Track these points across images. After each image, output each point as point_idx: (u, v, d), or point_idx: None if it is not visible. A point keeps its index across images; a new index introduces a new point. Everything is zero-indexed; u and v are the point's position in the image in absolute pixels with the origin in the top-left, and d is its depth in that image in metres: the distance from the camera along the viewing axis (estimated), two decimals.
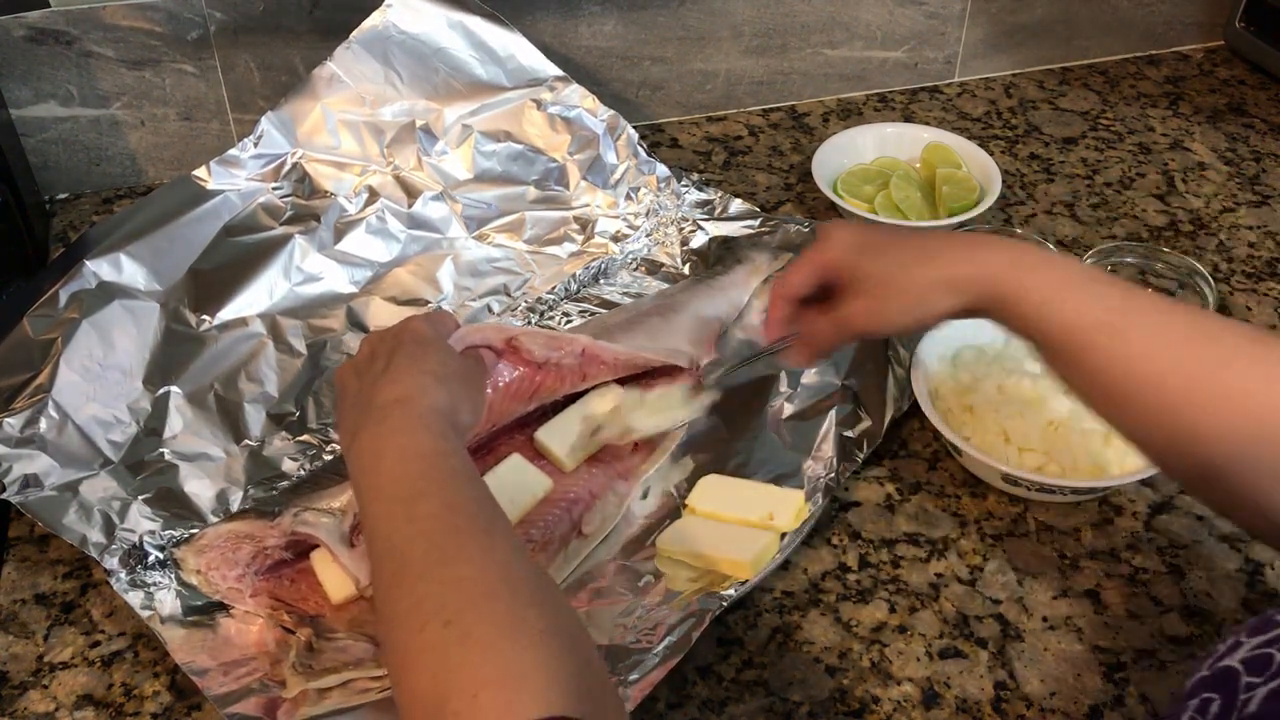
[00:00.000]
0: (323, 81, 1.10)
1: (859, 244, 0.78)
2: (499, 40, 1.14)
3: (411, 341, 0.77)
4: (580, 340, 0.91)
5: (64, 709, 0.78)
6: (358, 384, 0.75)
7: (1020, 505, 0.91)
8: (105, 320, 0.95)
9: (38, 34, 1.11)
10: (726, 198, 1.17)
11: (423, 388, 0.72)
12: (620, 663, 0.77)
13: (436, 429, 0.69)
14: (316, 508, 0.83)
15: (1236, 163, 1.29)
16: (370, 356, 0.77)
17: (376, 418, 0.70)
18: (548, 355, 0.89)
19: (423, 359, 0.75)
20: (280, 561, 0.84)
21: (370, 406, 0.71)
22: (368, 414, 0.71)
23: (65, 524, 0.84)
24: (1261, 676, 0.53)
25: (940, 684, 0.80)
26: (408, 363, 0.74)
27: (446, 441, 0.69)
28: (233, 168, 1.07)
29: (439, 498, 0.64)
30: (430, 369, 0.74)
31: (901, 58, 1.38)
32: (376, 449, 0.68)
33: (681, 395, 0.94)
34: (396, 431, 0.69)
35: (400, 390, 0.72)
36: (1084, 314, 0.69)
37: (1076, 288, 0.70)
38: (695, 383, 0.95)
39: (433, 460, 0.67)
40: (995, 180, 1.18)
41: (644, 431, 0.92)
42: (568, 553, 0.85)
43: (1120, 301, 0.69)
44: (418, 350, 0.76)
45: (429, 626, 0.57)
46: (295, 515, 0.82)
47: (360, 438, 0.70)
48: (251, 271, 1.03)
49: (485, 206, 1.12)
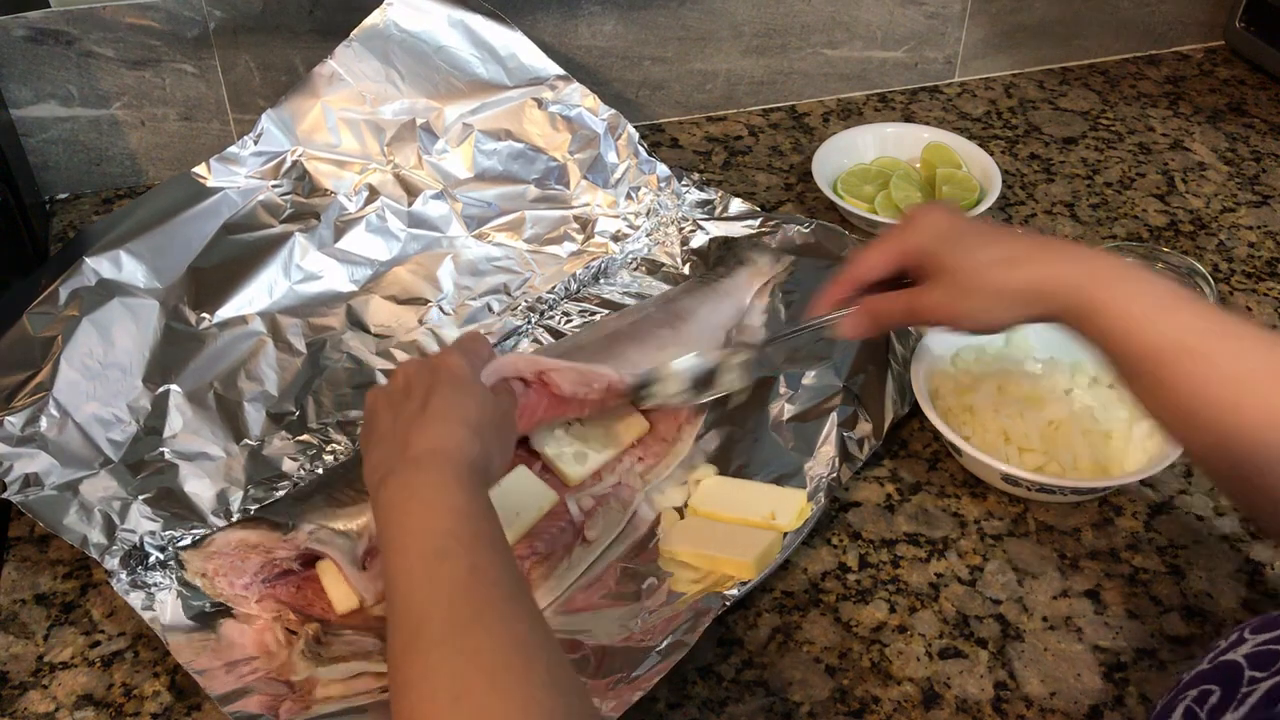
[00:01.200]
0: (323, 79, 1.10)
1: (946, 233, 0.77)
2: (500, 39, 1.14)
3: (449, 381, 0.75)
4: (607, 376, 0.90)
5: (64, 709, 0.78)
6: (390, 419, 0.73)
7: (1020, 505, 0.91)
8: (105, 318, 0.95)
9: (38, 34, 1.11)
10: (726, 198, 1.17)
11: (459, 439, 0.71)
12: (621, 663, 0.77)
13: (469, 486, 0.68)
14: (332, 527, 0.82)
15: (1236, 163, 1.29)
16: (405, 390, 0.75)
17: (410, 465, 0.69)
18: (575, 391, 0.89)
19: (461, 404, 0.73)
20: (287, 570, 0.84)
21: (404, 450, 0.70)
22: (400, 458, 0.69)
23: (66, 524, 0.84)
24: (1266, 671, 0.53)
25: (940, 684, 0.80)
26: (445, 406, 0.72)
27: (477, 501, 0.68)
28: (232, 165, 1.07)
29: (463, 560, 0.63)
30: (467, 417, 0.72)
31: (901, 58, 1.38)
32: (406, 499, 0.67)
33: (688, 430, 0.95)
34: (428, 485, 0.67)
35: (436, 439, 0.70)
36: (1167, 335, 0.69)
37: (1161, 308, 0.70)
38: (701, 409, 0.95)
39: (461, 519, 0.66)
40: (995, 180, 1.18)
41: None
42: (571, 559, 0.85)
43: (1204, 324, 0.69)
44: (455, 393, 0.74)
45: (439, 698, 0.56)
46: (311, 533, 0.82)
47: (390, 483, 0.69)
48: (251, 269, 1.03)
49: (485, 205, 1.12)
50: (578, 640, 0.79)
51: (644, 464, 0.92)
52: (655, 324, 0.99)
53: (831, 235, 1.11)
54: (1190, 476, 0.94)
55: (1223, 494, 0.90)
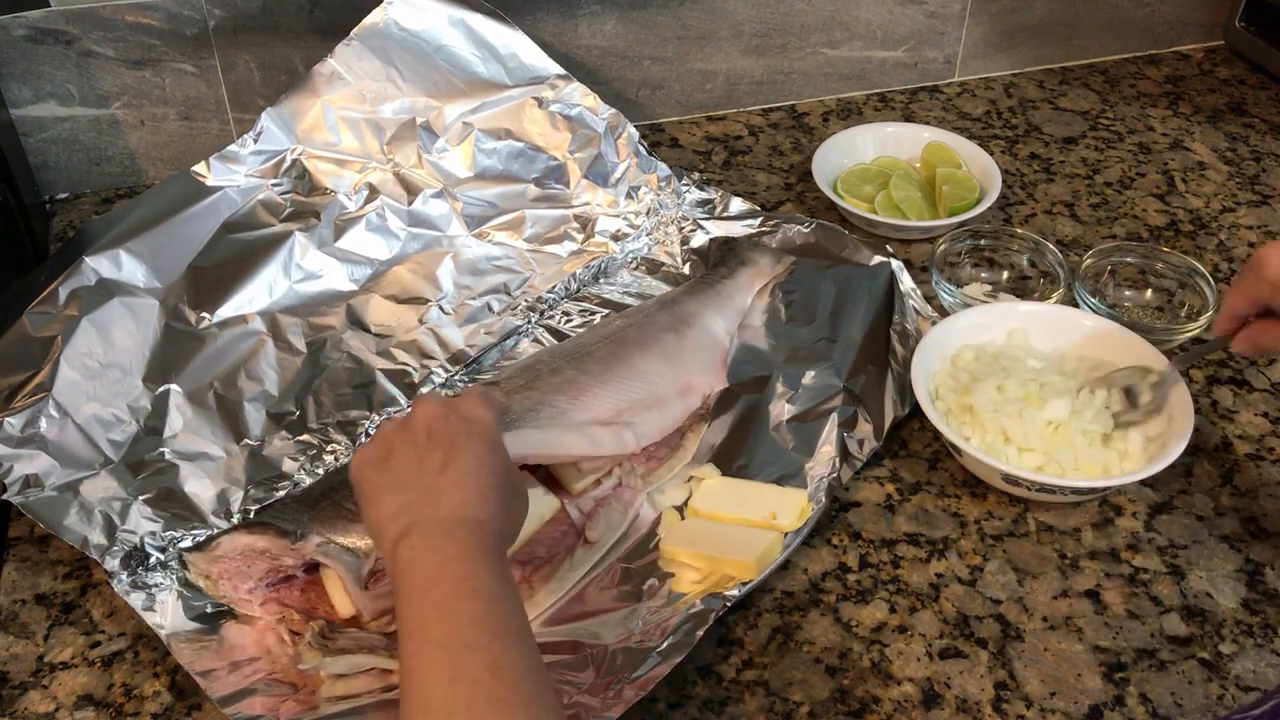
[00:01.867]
0: (323, 78, 1.10)
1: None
2: (500, 38, 1.14)
3: (478, 436, 0.73)
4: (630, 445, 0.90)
5: (64, 709, 0.78)
6: (413, 464, 0.71)
7: (1020, 505, 0.91)
8: (105, 318, 0.95)
9: (38, 34, 1.11)
10: (727, 197, 1.17)
11: (490, 508, 0.69)
12: (622, 663, 0.77)
13: (495, 565, 0.66)
14: (341, 542, 0.81)
15: (1236, 163, 1.29)
16: (428, 435, 0.72)
17: (439, 529, 0.67)
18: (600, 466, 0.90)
19: (489, 465, 0.71)
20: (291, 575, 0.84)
21: (432, 505, 0.68)
22: (427, 515, 0.68)
23: (66, 525, 0.84)
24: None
25: (940, 684, 0.80)
26: (474, 466, 0.71)
27: (504, 583, 0.66)
28: (232, 164, 1.07)
29: (485, 656, 0.61)
30: (496, 483, 0.71)
31: (901, 57, 1.38)
32: (432, 570, 0.65)
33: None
34: (459, 558, 0.66)
35: (467, 503, 0.69)
36: None
37: None
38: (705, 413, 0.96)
39: (488, 605, 0.64)
40: (995, 180, 1.18)
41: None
42: (573, 561, 0.85)
43: None
44: (483, 450, 0.72)
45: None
46: (319, 545, 0.81)
47: (415, 541, 0.66)
48: (251, 269, 1.02)
49: (485, 204, 1.12)
50: (579, 641, 0.79)
51: (646, 467, 0.92)
52: (660, 329, 0.99)
53: (831, 235, 1.11)
54: (1190, 476, 0.94)
55: None
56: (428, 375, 0.99)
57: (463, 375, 1.00)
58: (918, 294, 1.06)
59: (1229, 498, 0.92)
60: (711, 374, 0.98)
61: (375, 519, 0.70)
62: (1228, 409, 1.00)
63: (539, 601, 0.83)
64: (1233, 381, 1.02)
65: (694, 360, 0.98)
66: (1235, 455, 0.96)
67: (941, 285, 1.06)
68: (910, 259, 1.12)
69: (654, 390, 0.94)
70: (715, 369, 0.98)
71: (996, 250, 1.13)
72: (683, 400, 0.95)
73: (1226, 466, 0.95)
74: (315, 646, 0.78)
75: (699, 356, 0.98)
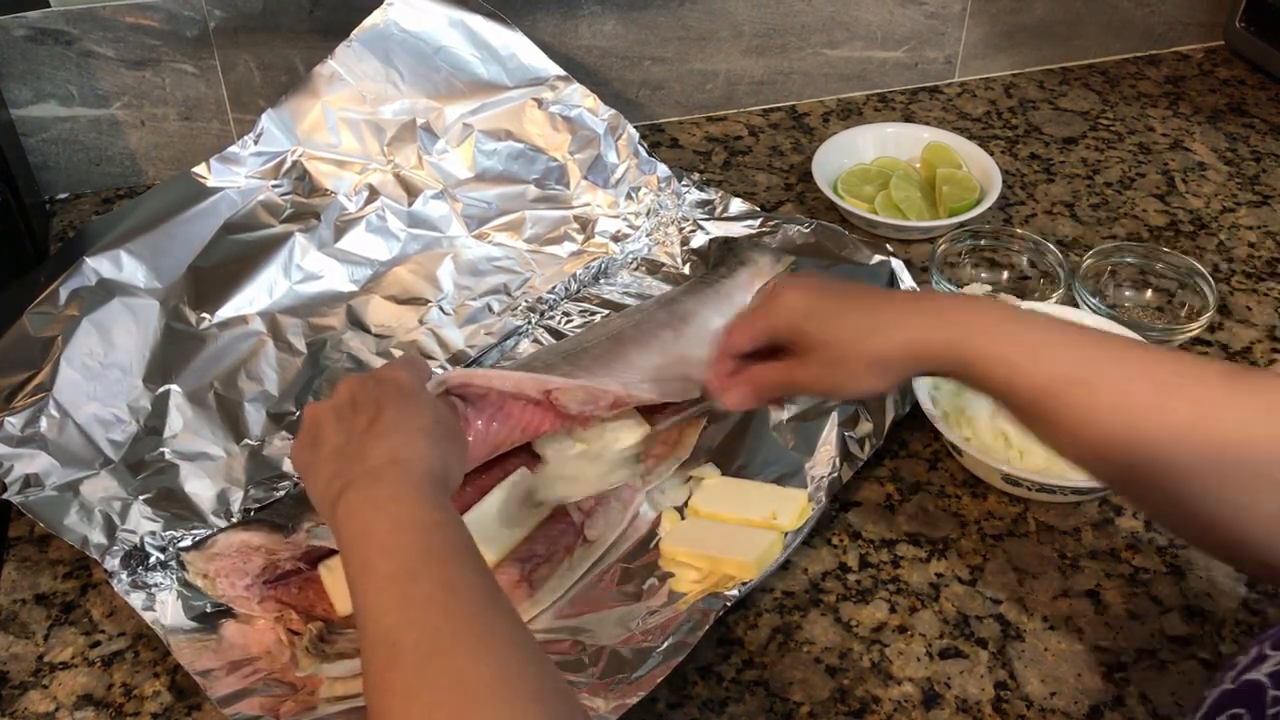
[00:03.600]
0: (323, 79, 1.10)
1: (808, 310, 0.76)
2: (500, 39, 1.14)
3: (398, 393, 0.74)
4: (613, 391, 0.90)
5: (64, 709, 0.78)
6: (340, 433, 0.71)
7: (1020, 505, 0.92)
8: (105, 318, 0.95)
9: (38, 34, 1.11)
10: (727, 198, 1.17)
11: (417, 448, 0.69)
12: (622, 663, 0.77)
13: (432, 497, 0.66)
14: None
15: (1236, 163, 1.29)
16: (352, 403, 0.73)
17: (369, 477, 0.67)
18: (581, 409, 0.89)
19: (414, 413, 0.72)
20: (289, 571, 0.84)
21: (359, 462, 0.68)
22: (357, 470, 0.68)
23: (66, 525, 0.84)
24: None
25: (940, 684, 0.80)
26: (397, 417, 0.71)
27: (442, 510, 0.66)
28: (232, 165, 1.07)
29: (434, 577, 0.61)
30: (422, 425, 0.71)
31: (901, 58, 1.38)
32: (367, 516, 0.65)
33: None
34: (390, 499, 0.66)
35: (393, 449, 0.69)
36: (1052, 375, 0.68)
37: (1041, 345, 0.69)
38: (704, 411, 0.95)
39: (429, 533, 0.64)
40: (995, 180, 1.18)
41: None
42: (573, 560, 0.85)
43: (1086, 355, 0.68)
44: (406, 403, 0.73)
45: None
46: (309, 531, 0.81)
47: (349, 497, 0.66)
48: (251, 269, 1.03)
49: (485, 205, 1.12)
50: (578, 641, 0.79)
51: (645, 466, 0.91)
52: (658, 326, 0.99)
53: (831, 235, 1.11)
54: None
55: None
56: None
57: None
58: None
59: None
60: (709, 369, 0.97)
61: (314, 492, 0.71)
62: None
63: (539, 601, 0.83)
64: None
65: (690, 354, 0.96)
66: None
67: (941, 285, 1.06)
68: (910, 259, 1.12)
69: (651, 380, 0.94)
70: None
71: (996, 250, 1.13)
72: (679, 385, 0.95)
73: None
74: (313, 652, 0.78)
75: (696, 351, 0.97)
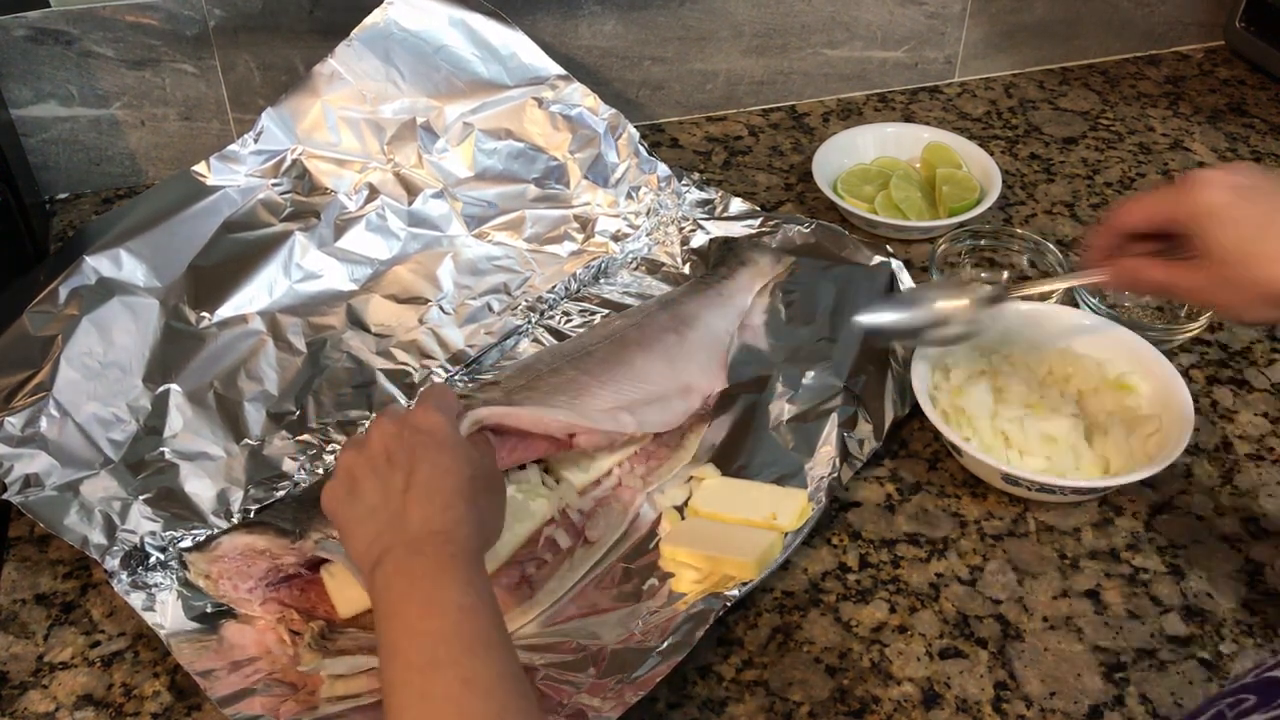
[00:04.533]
0: (323, 78, 1.10)
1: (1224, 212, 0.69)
2: (500, 38, 1.14)
3: (433, 444, 0.72)
4: (628, 426, 0.90)
5: (64, 709, 0.78)
6: (377, 490, 0.71)
7: (1020, 505, 0.92)
8: (105, 317, 0.95)
9: (38, 34, 1.11)
10: (726, 197, 1.17)
11: (456, 516, 0.69)
12: (622, 663, 0.77)
13: (468, 571, 0.66)
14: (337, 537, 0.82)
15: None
16: (387, 457, 0.72)
17: (409, 549, 0.67)
18: (599, 446, 0.90)
19: (451, 472, 0.71)
20: (291, 574, 0.84)
21: (398, 530, 0.68)
22: (397, 538, 0.67)
23: (66, 525, 0.84)
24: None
25: (940, 684, 0.80)
26: (435, 477, 0.70)
27: (473, 592, 0.65)
28: (232, 164, 1.07)
29: (456, 671, 0.61)
30: (460, 488, 0.70)
31: (901, 58, 1.38)
32: (405, 589, 0.65)
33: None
34: (425, 576, 0.66)
35: (430, 517, 0.68)
36: None
37: None
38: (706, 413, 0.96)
39: (459, 619, 0.64)
40: (995, 180, 1.18)
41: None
42: (573, 561, 0.85)
43: None
44: (441, 457, 0.71)
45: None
46: (317, 542, 0.81)
47: (385, 568, 0.66)
48: (251, 268, 1.02)
49: (485, 204, 1.12)
50: (579, 641, 0.79)
51: (646, 467, 0.92)
52: (660, 329, 0.99)
53: (831, 235, 1.11)
54: (1190, 477, 0.94)
55: None
56: (428, 375, 0.99)
57: (463, 375, 1.00)
58: None
59: (1229, 498, 0.92)
60: (712, 374, 0.98)
61: (353, 553, 0.71)
62: (1228, 409, 1.00)
63: (539, 601, 0.83)
64: (1233, 381, 1.02)
65: (694, 361, 0.97)
66: (1235, 455, 0.96)
67: None
68: (910, 259, 1.12)
69: (654, 390, 0.94)
70: (715, 369, 0.98)
71: (996, 250, 1.13)
72: (683, 400, 0.95)
73: (1226, 466, 0.95)
74: (315, 648, 0.78)
75: (699, 357, 0.98)
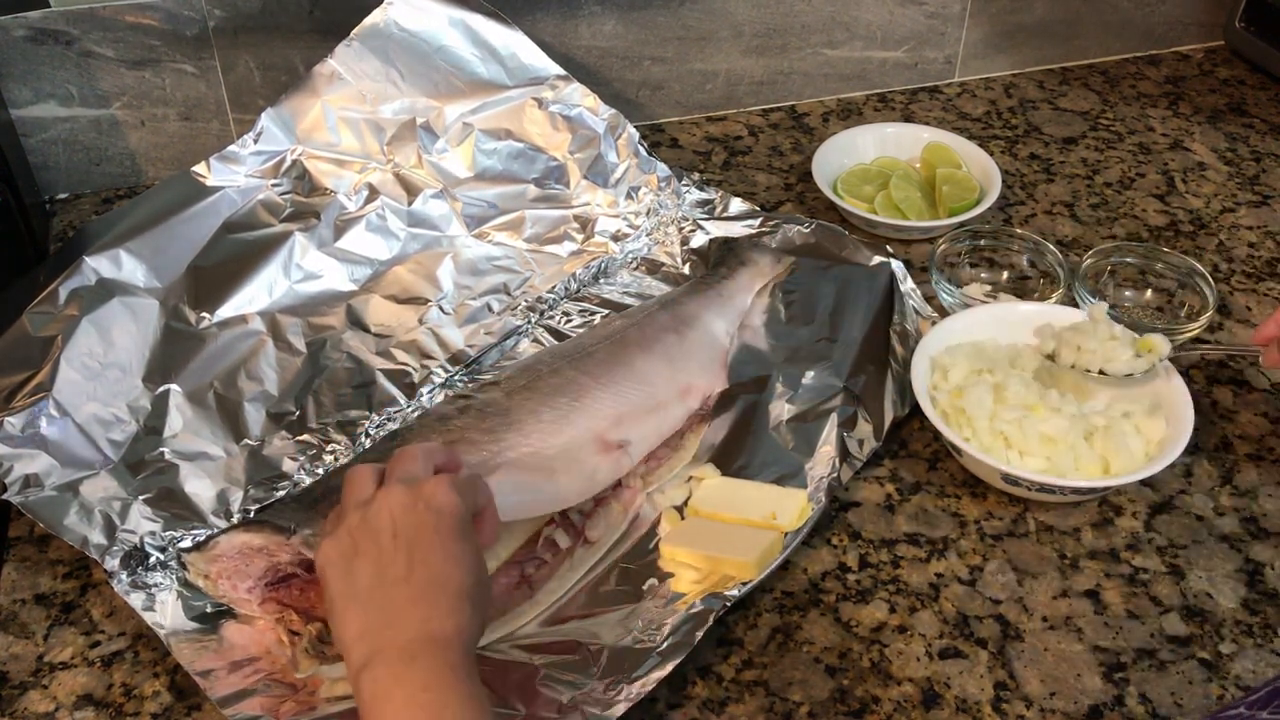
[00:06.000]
0: (323, 78, 1.10)
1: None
2: (500, 38, 1.14)
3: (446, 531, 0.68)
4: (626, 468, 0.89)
5: (64, 709, 0.78)
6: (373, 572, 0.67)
7: (1020, 505, 0.91)
8: (105, 317, 0.95)
9: (38, 34, 1.11)
10: (726, 197, 1.17)
11: (459, 619, 0.65)
12: (622, 663, 0.77)
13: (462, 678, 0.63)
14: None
15: (1236, 163, 1.29)
16: (393, 535, 0.67)
17: (400, 656, 0.63)
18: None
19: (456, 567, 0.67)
20: (290, 574, 0.84)
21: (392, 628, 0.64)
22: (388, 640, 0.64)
23: (66, 525, 0.84)
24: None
25: (940, 684, 0.80)
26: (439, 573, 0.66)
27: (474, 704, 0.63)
28: (232, 164, 1.07)
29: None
30: (464, 586, 0.67)
31: (901, 58, 1.38)
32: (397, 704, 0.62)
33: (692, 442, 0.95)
34: (425, 688, 0.62)
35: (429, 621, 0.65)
36: None
37: None
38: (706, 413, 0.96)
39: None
40: (995, 180, 1.18)
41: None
42: (573, 561, 0.85)
43: None
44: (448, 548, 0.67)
45: None
46: (305, 539, 0.80)
47: (377, 672, 0.63)
48: (251, 269, 1.02)
49: (485, 205, 1.12)
50: (579, 641, 0.79)
51: (646, 467, 0.92)
52: (661, 329, 0.99)
53: (831, 235, 1.11)
54: (1190, 476, 0.94)
55: None
56: (427, 375, 0.99)
57: (462, 375, 1.00)
58: (918, 294, 1.06)
59: (1229, 498, 0.92)
60: (712, 374, 0.98)
61: (340, 637, 0.67)
62: (1228, 409, 1.00)
63: (539, 601, 0.83)
64: (1233, 381, 1.02)
65: (694, 361, 0.97)
66: (1235, 455, 0.96)
67: (941, 285, 1.06)
68: (910, 259, 1.12)
69: (654, 391, 0.94)
70: (715, 369, 0.98)
71: (996, 250, 1.13)
72: (682, 402, 0.95)
73: (1226, 466, 0.95)
74: (312, 653, 0.78)
75: (699, 357, 0.98)
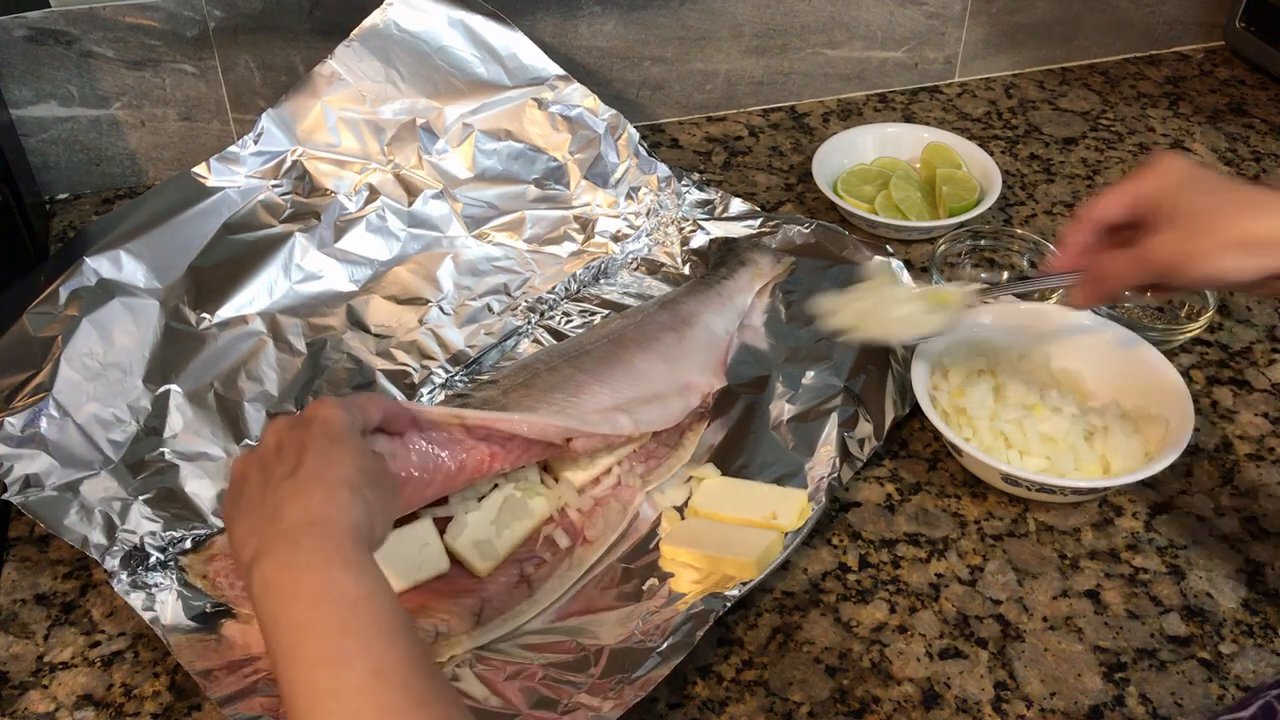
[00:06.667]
0: (323, 79, 1.10)
1: (1186, 177, 0.72)
2: (500, 39, 1.14)
3: (324, 437, 0.68)
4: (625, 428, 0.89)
5: (64, 709, 0.78)
6: (260, 483, 0.66)
7: (1020, 505, 0.92)
8: (105, 318, 0.95)
9: (38, 34, 1.11)
10: (726, 198, 1.17)
11: (339, 504, 0.64)
12: (622, 663, 0.77)
13: (355, 561, 0.61)
14: None
15: (1236, 163, 1.29)
16: (277, 449, 0.68)
17: (284, 541, 0.62)
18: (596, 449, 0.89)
19: (338, 461, 0.66)
20: None
21: (276, 521, 0.63)
22: (273, 531, 0.62)
23: (66, 525, 0.84)
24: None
25: (940, 684, 0.80)
26: (319, 465, 0.66)
27: (368, 578, 0.61)
28: (232, 165, 1.07)
29: (364, 662, 0.57)
30: (345, 477, 0.65)
31: (901, 58, 1.38)
32: (286, 588, 0.60)
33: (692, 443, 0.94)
34: (310, 567, 0.60)
35: (311, 507, 0.63)
36: None
37: None
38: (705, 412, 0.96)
39: (355, 607, 0.59)
40: (995, 180, 1.18)
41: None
42: (573, 560, 0.85)
43: None
44: (330, 449, 0.67)
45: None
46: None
47: (264, 564, 0.61)
48: (251, 269, 1.03)
49: (485, 205, 1.12)
50: (579, 641, 0.79)
51: (646, 467, 0.92)
52: (659, 328, 0.99)
53: (831, 235, 1.11)
54: (1190, 476, 0.94)
55: None
56: (428, 375, 0.99)
57: (463, 375, 1.00)
58: None
59: (1229, 498, 0.92)
60: (711, 374, 0.98)
61: (232, 548, 0.66)
62: (1228, 409, 1.00)
63: (539, 601, 0.83)
64: (1233, 381, 1.02)
65: (693, 360, 0.98)
66: (1235, 455, 0.96)
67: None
68: (910, 259, 1.12)
69: (653, 389, 0.94)
70: (715, 369, 0.98)
71: (996, 250, 1.13)
72: (682, 399, 0.95)
73: (1226, 466, 0.95)
74: None
75: (698, 356, 0.98)
